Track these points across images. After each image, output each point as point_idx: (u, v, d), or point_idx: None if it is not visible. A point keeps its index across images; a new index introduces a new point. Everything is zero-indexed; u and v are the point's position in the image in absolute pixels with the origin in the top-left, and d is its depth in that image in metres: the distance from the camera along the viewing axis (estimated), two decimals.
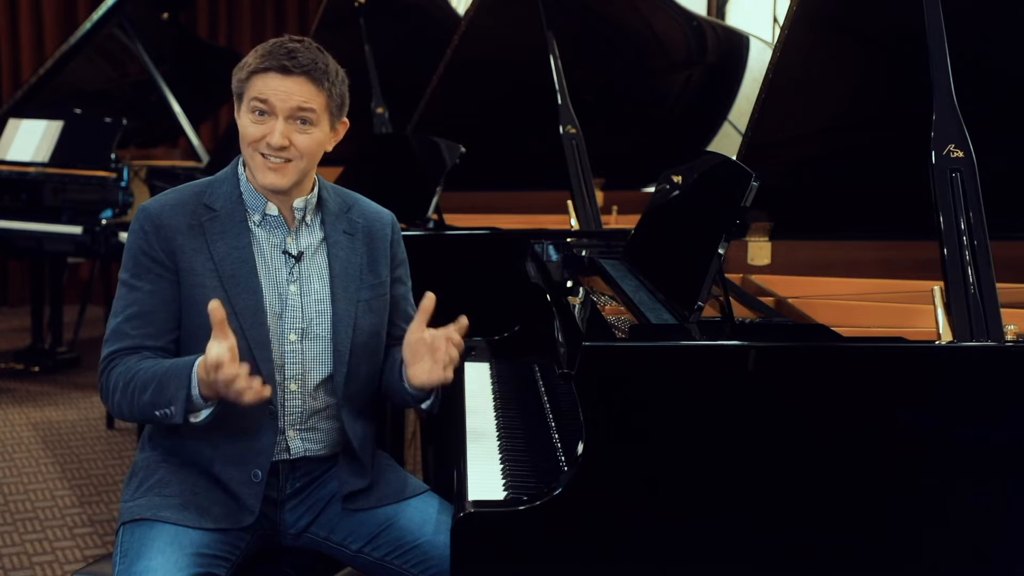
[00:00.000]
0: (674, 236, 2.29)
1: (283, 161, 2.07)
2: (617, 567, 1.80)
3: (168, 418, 1.99)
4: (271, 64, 2.05)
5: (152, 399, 1.99)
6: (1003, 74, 2.49)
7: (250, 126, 2.07)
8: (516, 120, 4.12)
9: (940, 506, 1.81)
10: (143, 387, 2.01)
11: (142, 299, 2.06)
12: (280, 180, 2.08)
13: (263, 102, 2.05)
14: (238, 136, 2.14)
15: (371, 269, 2.20)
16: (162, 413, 1.99)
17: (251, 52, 2.11)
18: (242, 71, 2.09)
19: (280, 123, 2.05)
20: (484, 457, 2.10)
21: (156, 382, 1.99)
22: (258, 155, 2.07)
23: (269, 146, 2.06)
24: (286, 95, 2.05)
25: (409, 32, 5.11)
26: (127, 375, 2.03)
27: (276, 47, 2.07)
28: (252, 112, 2.07)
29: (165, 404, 1.98)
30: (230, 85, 2.12)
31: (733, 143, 4.25)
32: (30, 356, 5.75)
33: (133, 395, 2.02)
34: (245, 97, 2.09)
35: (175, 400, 1.97)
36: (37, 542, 3.67)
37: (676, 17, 4.23)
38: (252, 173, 2.11)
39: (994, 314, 1.86)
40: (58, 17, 7.23)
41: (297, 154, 2.07)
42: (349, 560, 2.15)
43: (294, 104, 2.05)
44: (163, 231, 2.07)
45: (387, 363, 2.23)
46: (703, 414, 1.79)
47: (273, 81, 2.05)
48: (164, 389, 1.98)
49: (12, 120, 5.42)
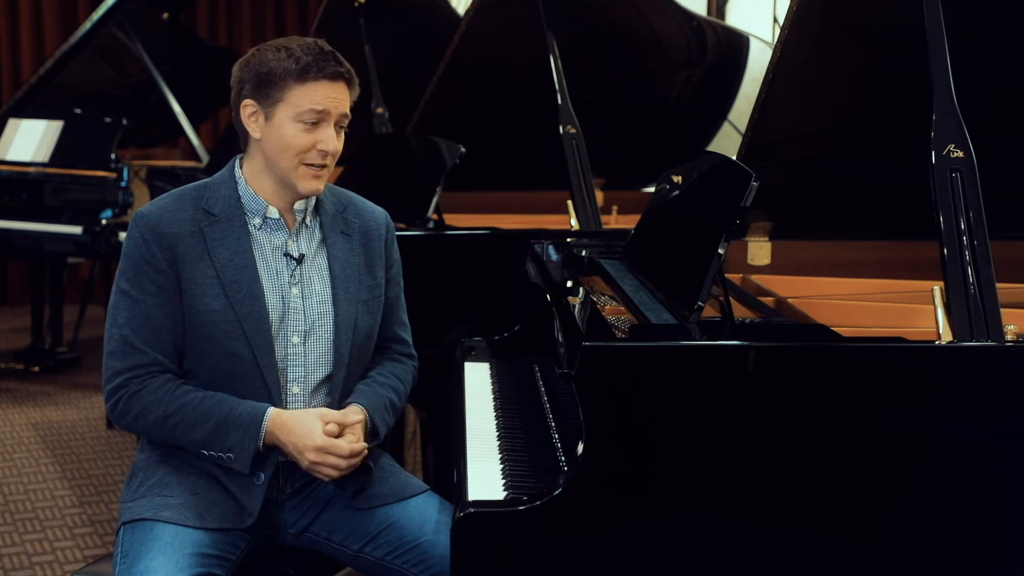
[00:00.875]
0: (674, 236, 2.29)
1: (325, 167, 2.08)
2: (617, 567, 1.80)
3: (222, 462, 2.04)
4: (323, 71, 2.03)
5: (205, 439, 2.03)
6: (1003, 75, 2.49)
7: (301, 135, 2.05)
8: (516, 120, 4.12)
9: (940, 506, 1.81)
10: (191, 425, 2.03)
11: (148, 311, 2.05)
12: (320, 186, 2.10)
13: (320, 112, 2.04)
14: (237, 136, 2.13)
15: (368, 270, 2.20)
16: (215, 456, 2.04)
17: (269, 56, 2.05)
18: (277, 77, 2.03)
19: (331, 130, 2.06)
20: (484, 457, 2.10)
21: (213, 424, 2.02)
22: (303, 164, 2.06)
23: (322, 154, 2.05)
24: (338, 102, 2.06)
25: (409, 32, 5.11)
26: (165, 408, 2.03)
27: (317, 52, 2.04)
28: (301, 122, 2.04)
29: (223, 449, 2.03)
30: (229, 84, 2.10)
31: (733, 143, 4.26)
32: (30, 356, 5.76)
33: (176, 429, 2.04)
34: (287, 106, 2.04)
35: (237, 450, 2.02)
36: (37, 542, 3.67)
37: (676, 17, 4.23)
38: (288, 182, 2.08)
39: (994, 314, 1.86)
40: (58, 17, 7.23)
41: (333, 160, 2.09)
42: (349, 560, 2.15)
43: (343, 111, 2.07)
44: (164, 239, 2.06)
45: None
46: (703, 414, 1.79)
47: (325, 88, 2.04)
48: (224, 435, 2.02)
49: (12, 120, 5.42)
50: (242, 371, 2.07)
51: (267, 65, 2.05)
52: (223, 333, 2.05)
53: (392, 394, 2.20)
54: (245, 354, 2.05)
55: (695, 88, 4.47)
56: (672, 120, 4.48)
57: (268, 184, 2.11)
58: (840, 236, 2.70)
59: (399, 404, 2.23)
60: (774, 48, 2.55)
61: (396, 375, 2.25)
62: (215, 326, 2.05)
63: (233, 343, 2.05)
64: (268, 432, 2.03)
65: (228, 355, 2.05)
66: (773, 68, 2.53)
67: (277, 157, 2.07)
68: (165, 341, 2.06)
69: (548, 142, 3.52)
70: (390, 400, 2.19)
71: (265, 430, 2.02)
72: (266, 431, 2.02)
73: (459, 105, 4.09)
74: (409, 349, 2.32)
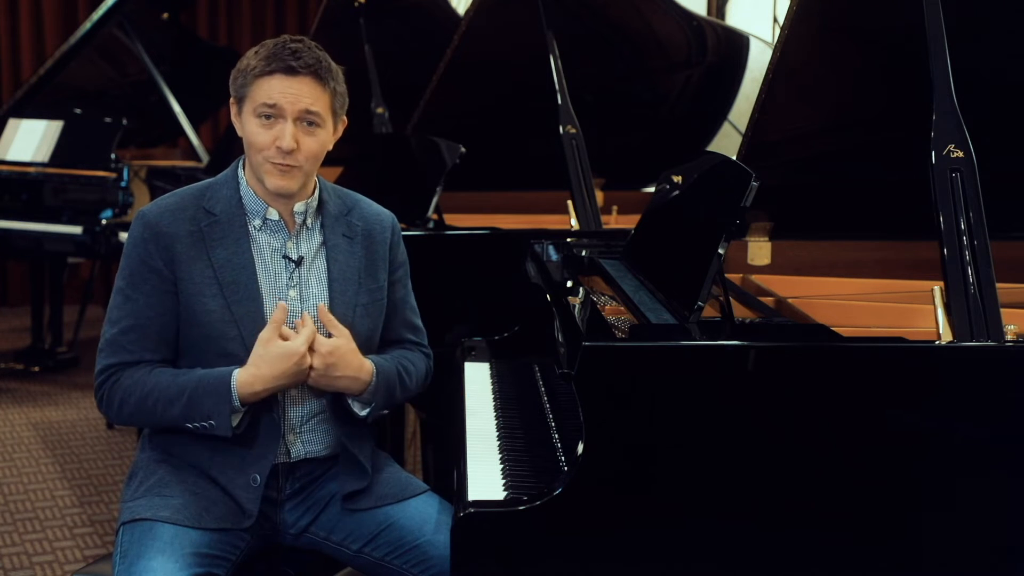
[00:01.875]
0: (674, 236, 2.29)
1: (291, 165, 2.06)
2: (617, 567, 1.80)
3: (207, 430, 2.02)
4: (276, 66, 2.03)
5: (184, 413, 2.02)
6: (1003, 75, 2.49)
7: (259, 133, 2.05)
8: (516, 120, 4.12)
9: (940, 506, 1.81)
10: (168, 401, 2.03)
11: (138, 311, 2.06)
12: (289, 183, 2.07)
13: (271, 106, 2.03)
14: (237, 137, 2.13)
15: (369, 273, 2.19)
16: (198, 426, 2.03)
17: (249, 54, 2.08)
18: (244, 74, 2.06)
19: (289, 126, 2.04)
20: (484, 457, 2.09)
21: (186, 397, 2.02)
22: (267, 161, 2.06)
23: (279, 150, 2.04)
24: (294, 97, 2.03)
25: (409, 32, 5.11)
26: (141, 389, 2.04)
27: (279, 48, 2.04)
28: (259, 117, 2.04)
29: (202, 418, 2.02)
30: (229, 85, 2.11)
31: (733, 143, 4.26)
32: (30, 356, 5.76)
33: (155, 409, 2.04)
34: (249, 102, 2.06)
35: (216, 414, 2.00)
36: (37, 542, 3.67)
37: (676, 17, 4.23)
38: (259, 178, 2.09)
39: (994, 314, 1.86)
40: (58, 17, 7.23)
41: (304, 158, 2.06)
42: (349, 560, 2.15)
43: (302, 106, 2.04)
44: (162, 239, 2.06)
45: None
46: (703, 414, 1.79)
47: (280, 83, 2.03)
48: (199, 404, 2.01)
49: (12, 120, 5.42)
50: None
51: (243, 64, 2.08)
52: (220, 333, 2.05)
53: (400, 367, 2.20)
54: (241, 355, 2.05)
55: (695, 88, 4.47)
56: (672, 120, 4.48)
57: (261, 185, 2.11)
58: (840, 236, 2.70)
59: (408, 381, 2.21)
60: (774, 48, 2.55)
61: (406, 357, 2.25)
62: (212, 326, 2.05)
63: (229, 343, 2.05)
64: (241, 389, 2.00)
65: (225, 355, 2.05)
66: (773, 68, 2.53)
67: (249, 154, 2.10)
68: (154, 341, 2.07)
69: (548, 142, 3.52)
70: (402, 367, 2.19)
71: (235, 389, 2.00)
72: (237, 389, 2.00)
73: (459, 105, 4.09)
74: (423, 347, 2.32)
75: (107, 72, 5.85)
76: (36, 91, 5.48)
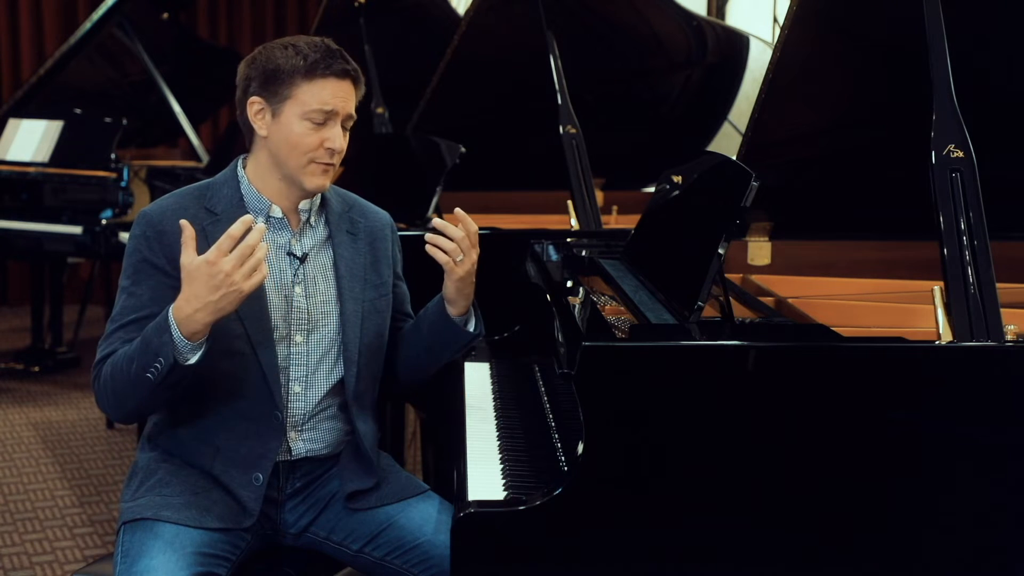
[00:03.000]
0: (674, 236, 2.29)
1: (333, 164, 2.08)
2: (617, 567, 1.80)
3: (162, 372, 1.90)
4: (331, 69, 2.03)
5: (139, 365, 1.92)
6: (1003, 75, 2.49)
7: (309, 134, 2.04)
8: (516, 120, 4.12)
9: (940, 506, 1.81)
10: (128, 361, 1.95)
11: (140, 305, 2.05)
12: (327, 182, 2.11)
13: (328, 112, 2.03)
14: (237, 137, 2.13)
15: (375, 270, 2.20)
16: (154, 371, 1.91)
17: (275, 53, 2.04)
18: (283, 74, 2.03)
19: (338, 129, 2.06)
20: (484, 457, 2.10)
21: (137, 349, 1.94)
22: (312, 162, 2.06)
23: (330, 152, 2.05)
24: (345, 101, 2.06)
25: (409, 32, 5.11)
26: (112, 367, 2.00)
27: (325, 50, 2.04)
28: (309, 120, 2.03)
29: (152, 360, 1.90)
30: (230, 84, 2.10)
31: (733, 143, 4.25)
32: (30, 356, 5.76)
33: (121, 376, 1.96)
34: (295, 103, 2.03)
35: (161, 348, 1.89)
36: (37, 542, 3.67)
37: (676, 17, 4.23)
38: (295, 179, 2.08)
39: (994, 314, 1.86)
40: (58, 17, 7.23)
41: (339, 158, 2.09)
42: (349, 560, 2.15)
43: (350, 110, 2.07)
44: (165, 237, 2.06)
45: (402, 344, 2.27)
46: (703, 414, 1.79)
47: (333, 86, 2.04)
48: (147, 348, 1.92)
49: (12, 120, 5.42)
50: (244, 369, 2.06)
51: (275, 62, 2.05)
52: (224, 331, 2.05)
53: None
54: (247, 352, 2.05)
55: (695, 88, 4.47)
56: (672, 120, 4.48)
57: (273, 182, 2.11)
58: (840, 236, 2.70)
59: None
60: (774, 48, 2.55)
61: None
62: (216, 324, 2.05)
63: (234, 341, 2.05)
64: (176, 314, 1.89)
65: (229, 353, 2.05)
66: (773, 68, 2.53)
67: (285, 155, 2.07)
68: None
69: (548, 142, 3.52)
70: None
71: (172, 319, 1.90)
72: (173, 315, 1.90)
73: (459, 105, 4.09)
74: None
75: (107, 72, 5.85)
76: (36, 91, 5.48)
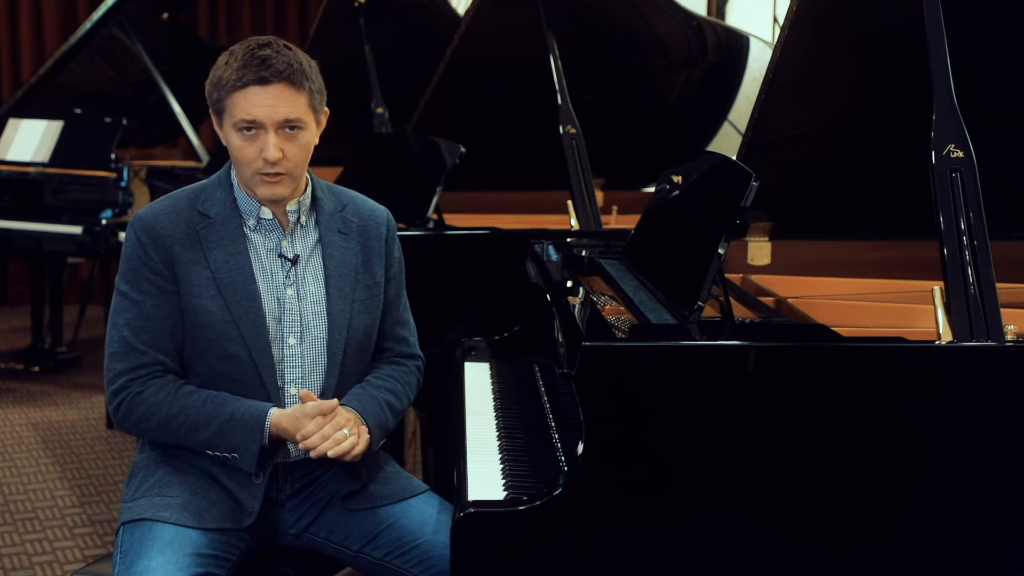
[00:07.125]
0: (674, 236, 2.29)
1: (280, 173, 2.04)
2: (617, 567, 1.80)
3: (228, 461, 2.05)
4: (249, 78, 1.99)
5: (211, 441, 2.04)
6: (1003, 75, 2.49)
7: (244, 148, 2.03)
8: (516, 120, 4.12)
9: (941, 506, 1.81)
10: (194, 427, 2.04)
11: (147, 312, 2.05)
12: (280, 190, 2.07)
13: (250, 121, 2.01)
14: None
15: (366, 268, 2.19)
16: (221, 456, 2.05)
17: (220, 64, 2.04)
18: (218, 88, 2.03)
19: (271, 136, 2.01)
20: (484, 457, 2.10)
21: (216, 426, 2.03)
22: (256, 173, 2.05)
23: (266, 162, 2.03)
24: (272, 108, 2.00)
25: (409, 32, 5.11)
26: (167, 409, 2.04)
27: (248, 58, 2.00)
28: (240, 132, 2.02)
29: (228, 450, 2.04)
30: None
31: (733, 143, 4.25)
32: (30, 356, 5.75)
33: (179, 432, 2.05)
34: (228, 116, 2.03)
35: (242, 448, 2.03)
36: (37, 542, 3.67)
37: (676, 17, 4.23)
38: (250, 188, 2.09)
39: (994, 314, 1.86)
40: (58, 17, 7.23)
41: (291, 164, 2.05)
42: (349, 560, 2.15)
43: (281, 116, 2.01)
44: (160, 241, 2.06)
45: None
46: (703, 414, 1.79)
47: (254, 96, 2.00)
48: (228, 436, 2.03)
49: (12, 120, 5.42)
50: (240, 372, 2.07)
51: (216, 74, 2.04)
52: (220, 334, 2.05)
53: (389, 395, 2.19)
54: (242, 355, 2.05)
55: (695, 88, 4.47)
56: (672, 120, 4.48)
57: (250, 189, 2.11)
58: (840, 236, 2.70)
59: (398, 404, 2.21)
60: (774, 48, 2.55)
61: (393, 376, 2.23)
62: (212, 327, 2.05)
63: (230, 344, 2.05)
64: (275, 431, 2.04)
65: (225, 356, 2.06)
66: (773, 68, 2.53)
67: (237, 167, 2.09)
68: (165, 341, 2.06)
69: (548, 142, 3.52)
70: (386, 401, 2.17)
71: (268, 431, 2.03)
72: (271, 429, 2.03)
73: (459, 105, 4.09)
74: (411, 349, 2.30)
75: (107, 72, 5.85)
76: (36, 91, 5.48)
